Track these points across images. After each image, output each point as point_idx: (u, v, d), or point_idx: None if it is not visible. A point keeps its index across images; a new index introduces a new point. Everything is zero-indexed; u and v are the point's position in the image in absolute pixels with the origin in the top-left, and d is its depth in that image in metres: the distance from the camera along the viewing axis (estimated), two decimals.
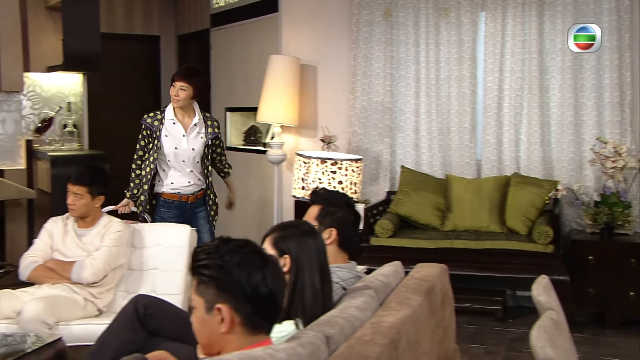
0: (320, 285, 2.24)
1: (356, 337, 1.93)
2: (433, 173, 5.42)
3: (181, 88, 4.03)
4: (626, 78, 4.92)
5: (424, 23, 5.38)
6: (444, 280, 2.83)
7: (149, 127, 4.11)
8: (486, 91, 5.30)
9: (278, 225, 2.31)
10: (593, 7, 4.96)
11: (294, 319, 2.18)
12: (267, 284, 1.74)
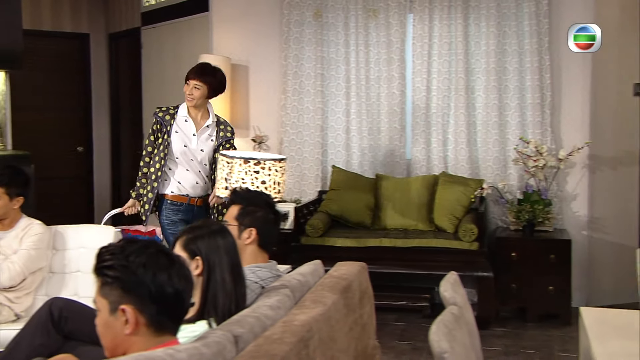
0: (233, 284, 2.25)
1: (265, 336, 1.94)
2: (364, 172, 5.49)
3: (195, 86, 3.89)
4: (546, 80, 5.10)
5: (354, 24, 5.44)
6: (362, 278, 2.87)
7: (159, 120, 3.95)
8: (415, 92, 5.39)
9: (187, 228, 2.31)
10: (515, 12, 5.13)
11: (207, 319, 2.19)
12: (173, 284, 1.73)
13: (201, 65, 4.08)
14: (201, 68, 4.01)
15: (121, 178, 7.35)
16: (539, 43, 5.08)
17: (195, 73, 3.93)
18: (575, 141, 5.03)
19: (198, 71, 3.95)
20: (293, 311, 2.24)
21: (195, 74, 3.92)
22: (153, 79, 6.55)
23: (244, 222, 2.75)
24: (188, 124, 3.95)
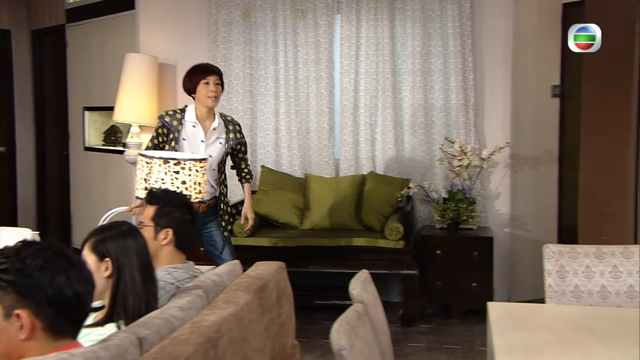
0: (143, 284, 2.22)
1: (172, 337, 1.92)
2: (293, 172, 5.50)
3: (216, 82, 3.71)
4: (470, 81, 5.23)
5: (282, 24, 5.44)
6: (280, 278, 2.88)
7: (167, 125, 3.74)
8: (343, 92, 5.44)
9: (96, 229, 2.27)
10: (439, 14, 5.23)
11: (117, 321, 2.16)
12: (72, 286, 1.70)
13: (205, 63, 3.90)
14: (211, 65, 3.86)
15: (46, 179, 7.15)
16: (462, 45, 5.20)
17: (213, 69, 3.76)
18: (497, 141, 5.17)
19: (213, 67, 3.80)
20: (204, 312, 2.23)
21: (214, 69, 3.75)
22: (79, 77, 6.40)
23: (160, 223, 2.72)
24: (196, 130, 3.75)
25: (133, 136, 5.41)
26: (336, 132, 5.52)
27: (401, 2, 5.29)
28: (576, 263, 2.79)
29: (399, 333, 4.61)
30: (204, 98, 3.70)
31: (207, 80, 3.68)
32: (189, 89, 3.78)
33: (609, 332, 2.17)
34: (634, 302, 2.69)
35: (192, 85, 3.74)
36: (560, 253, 2.82)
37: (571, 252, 2.82)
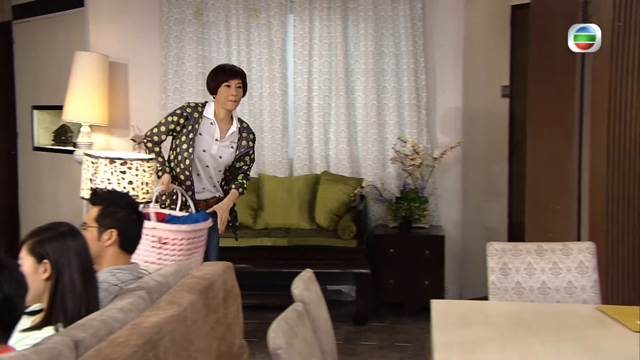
0: (83, 286, 2.19)
1: (110, 340, 1.90)
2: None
3: (238, 86, 3.63)
4: (421, 81, 5.28)
5: (235, 23, 5.42)
6: (227, 278, 2.87)
7: (188, 116, 3.65)
8: (296, 92, 5.45)
9: (34, 230, 2.22)
10: (391, 14, 5.28)
11: (55, 324, 2.12)
12: (3, 289, 1.67)
13: (230, 65, 3.83)
14: (235, 66, 3.77)
15: None
16: (414, 45, 5.25)
17: (236, 71, 3.67)
18: (449, 140, 5.25)
19: (237, 69, 3.70)
20: (146, 313, 2.21)
21: (237, 72, 3.66)
22: (27, 75, 6.26)
23: (104, 224, 2.68)
24: (213, 127, 3.68)
25: (83, 136, 5.33)
26: (290, 132, 5.52)
27: (354, 2, 5.32)
28: (518, 260, 2.85)
29: (352, 332, 4.64)
30: (224, 100, 3.63)
31: (229, 83, 3.61)
32: (211, 89, 3.71)
33: (545, 327, 2.22)
34: (572, 297, 2.76)
35: (214, 86, 3.67)
36: (503, 250, 2.87)
37: (513, 249, 2.88)
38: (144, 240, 3.08)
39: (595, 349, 1.99)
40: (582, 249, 2.84)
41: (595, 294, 2.76)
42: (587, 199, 3.79)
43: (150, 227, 3.24)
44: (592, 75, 3.73)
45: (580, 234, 3.87)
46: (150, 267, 3.16)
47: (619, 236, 3.86)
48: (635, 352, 1.96)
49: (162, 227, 3.30)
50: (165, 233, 3.29)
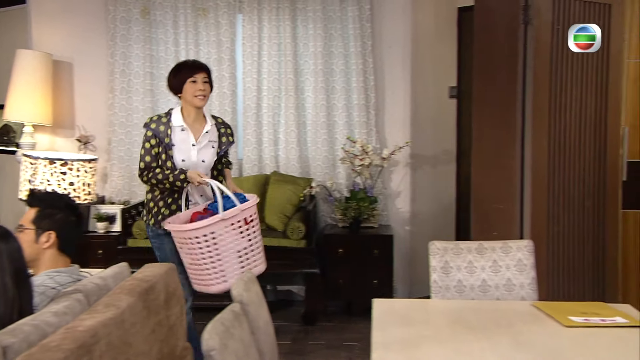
0: (15, 290, 2.14)
1: (41, 344, 1.86)
2: None
3: (204, 80, 3.36)
4: (370, 82, 5.32)
5: (183, 22, 5.37)
6: (170, 280, 2.84)
7: (155, 133, 3.35)
8: (245, 92, 5.42)
9: None
10: (340, 15, 5.31)
11: None
12: None
13: (192, 59, 3.57)
14: (197, 60, 3.52)
15: None
16: (362, 46, 5.29)
17: (201, 65, 3.40)
18: (397, 140, 5.29)
19: (200, 63, 3.44)
20: (81, 316, 2.16)
21: (202, 66, 3.40)
22: None
23: (42, 226, 2.63)
24: (185, 133, 3.38)
25: (26, 136, 5.20)
26: (239, 132, 5.49)
27: (303, 3, 5.33)
28: (460, 259, 2.89)
29: (301, 332, 4.65)
30: (191, 98, 3.36)
31: (195, 78, 3.34)
32: (175, 89, 3.42)
33: (482, 324, 2.26)
34: (511, 294, 2.81)
35: (177, 84, 3.38)
36: (445, 249, 2.91)
37: (455, 248, 2.92)
38: (229, 232, 3.10)
39: (528, 344, 2.04)
40: (520, 247, 2.90)
41: (532, 291, 2.82)
42: (530, 198, 3.87)
43: (231, 214, 3.09)
44: (533, 78, 3.81)
45: (523, 232, 3.95)
46: (244, 254, 3.19)
47: (559, 235, 3.96)
48: (565, 345, 2.02)
49: (241, 207, 3.14)
50: (246, 212, 3.17)
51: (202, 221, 3.12)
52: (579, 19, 3.90)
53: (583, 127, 4.01)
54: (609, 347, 2.01)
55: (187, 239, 3.15)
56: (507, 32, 3.88)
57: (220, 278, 3.17)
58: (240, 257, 3.17)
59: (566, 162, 3.95)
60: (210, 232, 3.09)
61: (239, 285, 2.18)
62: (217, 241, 3.10)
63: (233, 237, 3.13)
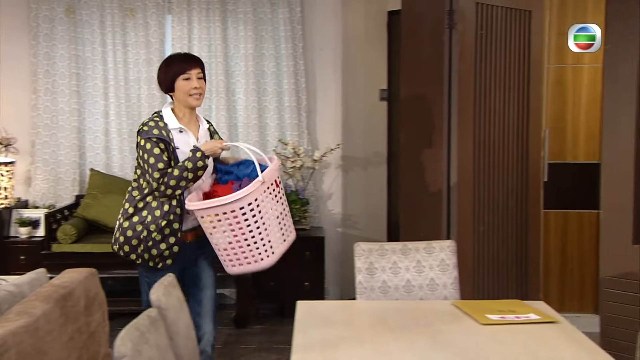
0: None
1: None
2: (124, 175, 5.33)
3: (199, 77, 2.96)
4: (301, 84, 5.33)
5: (110, 23, 5.25)
6: (90, 285, 2.77)
7: (161, 138, 2.88)
8: None
9: None
10: (271, 17, 5.29)
11: None
12: None
13: (184, 52, 3.17)
14: (190, 54, 3.12)
15: None
16: (293, 48, 5.29)
17: (194, 59, 3.01)
18: (329, 143, 5.32)
19: (193, 56, 3.05)
20: None
21: (195, 60, 3.00)
22: None
23: None
24: (185, 135, 2.98)
25: None
26: None
27: (233, 4, 5.29)
28: (384, 260, 2.93)
29: (232, 335, 4.61)
30: (185, 97, 2.95)
31: (188, 75, 2.93)
32: (166, 86, 2.99)
33: (402, 324, 2.28)
34: (434, 294, 2.86)
35: (169, 81, 2.96)
36: (370, 250, 2.94)
37: (380, 249, 2.95)
38: (267, 197, 2.78)
39: (446, 342, 2.07)
40: (443, 247, 2.95)
41: (455, 290, 2.88)
42: (456, 199, 3.95)
43: (271, 177, 2.83)
44: (458, 81, 3.89)
45: (450, 233, 4.02)
46: (282, 220, 2.91)
47: (484, 234, 4.06)
48: (481, 342, 2.06)
49: (274, 166, 2.89)
50: (275, 173, 2.91)
51: (248, 187, 2.71)
52: (501, 25, 4.01)
53: (506, 130, 4.11)
54: (522, 343, 2.06)
55: (227, 213, 2.69)
56: (432, 36, 3.95)
57: (269, 250, 2.84)
58: (280, 223, 2.89)
59: (490, 163, 4.04)
60: (254, 199, 2.71)
61: (158, 289, 2.15)
62: (260, 208, 2.73)
63: (271, 202, 2.82)
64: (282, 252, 2.94)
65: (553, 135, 4.62)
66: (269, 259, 2.87)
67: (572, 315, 4.62)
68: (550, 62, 4.58)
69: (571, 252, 4.73)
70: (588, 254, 4.68)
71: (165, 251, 2.98)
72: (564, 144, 4.65)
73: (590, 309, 4.62)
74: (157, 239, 2.95)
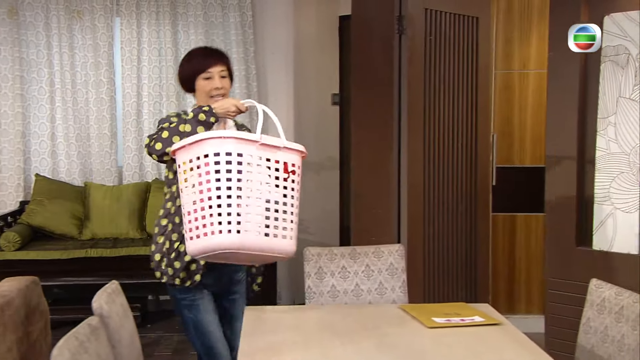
0: None
1: None
2: (72, 181, 5.22)
3: (222, 75, 2.61)
4: (253, 88, 5.32)
5: (56, 25, 5.14)
6: (31, 294, 2.70)
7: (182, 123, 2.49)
8: (125, 97, 5.27)
9: None
10: (222, 21, 5.26)
11: None
12: None
13: (210, 47, 2.77)
14: (215, 49, 2.71)
15: None
16: (245, 52, 5.27)
17: (217, 54, 2.64)
18: None
19: (215, 51, 2.68)
20: None
21: (218, 55, 2.63)
22: None
23: None
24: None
25: None
26: (119, 139, 5.33)
27: (183, 7, 5.24)
28: (333, 264, 2.92)
29: (182, 342, 4.55)
30: (206, 98, 2.59)
31: (209, 73, 2.58)
32: (187, 86, 2.65)
33: (350, 328, 2.28)
34: (383, 298, 2.87)
35: (187, 80, 2.62)
36: (319, 255, 2.94)
37: (329, 253, 2.95)
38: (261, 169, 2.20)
39: (392, 346, 2.08)
40: (392, 251, 2.96)
41: (403, 294, 2.89)
42: (406, 203, 3.97)
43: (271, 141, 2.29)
44: (408, 86, 3.91)
45: (400, 236, 4.05)
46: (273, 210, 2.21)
47: (434, 238, 4.09)
48: (426, 346, 2.07)
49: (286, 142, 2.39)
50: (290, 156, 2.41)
51: (233, 132, 2.23)
52: (450, 30, 4.06)
53: (456, 134, 4.16)
54: (467, 345, 2.08)
55: (200, 159, 2.13)
56: (382, 41, 3.97)
57: (235, 225, 2.11)
58: (268, 210, 2.19)
59: (440, 167, 4.08)
60: (238, 153, 2.12)
61: (101, 297, 2.10)
62: (242, 170, 2.13)
63: (264, 177, 2.21)
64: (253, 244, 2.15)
65: (501, 140, 4.70)
66: (229, 236, 2.10)
67: (520, 317, 4.71)
68: (498, 67, 4.66)
69: (519, 255, 4.81)
70: (535, 257, 4.77)
71: (191, 264, 2.56)
72: (512, 149, 4.73)
73: (537, 310, 4.70)
74: (181, 251, 2.54)
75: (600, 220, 3.51)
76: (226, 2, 5.24)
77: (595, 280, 2.35)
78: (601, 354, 2.21)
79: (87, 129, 5.27)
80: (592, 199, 3.54)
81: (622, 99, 3.46)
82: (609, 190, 3.48)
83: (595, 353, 2.25)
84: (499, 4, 4.63)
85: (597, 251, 3.51)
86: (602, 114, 3.51)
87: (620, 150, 3.45)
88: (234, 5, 5.23)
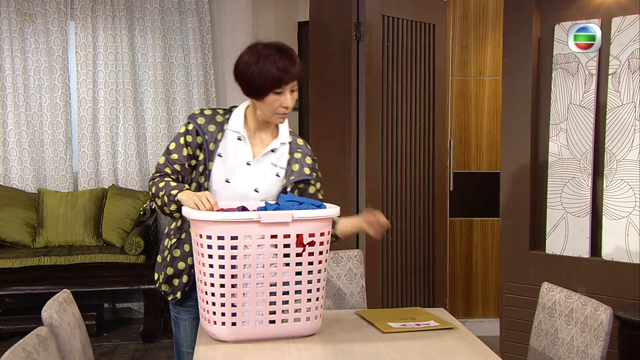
0: None
1: None
2: (25, 187, 5.12)
3: (293, 89, 2.25)
4: (212, 94, 5.29)
5: (7, 28, 5.05)
6: None
7: (199, 130, 2.30)
8: (80, 102, 5.19)
9: None
10: (179, 26, 5.22)
11: None
12: None
13: (284, 49, 2.25)
14: (290, 55, 2.24)
15: None
16: (203, 58, 5.24)
17: (294, 66, 2.21)
18: None
19: (294, 63, 2.22)
20: None
21: (295, 72, 2.22)
22: None
23: None
24: (241, 145, 2.32)
25: None
26: (74, 144, 5.24)
27: (140, 12, 5.19)
28: None
29: (139, 350, 4.49)
30: (270, 114, 2.27)
31: (282, 89, 2.21)
32: (255, 92, 2.24)
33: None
34: (342, 303, 2.87)
35: (258, 89, 2.22)
36: None
37: None
38: (264, 248, 2.02)
39: (347, 351, 2.08)
40: (350, 256, 2.97)
41: (362, 299, 2.90)
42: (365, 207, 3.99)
43: (273, 219, 2.02)
44: (366, 92, 3.94)
45: (359, 241, 4.06)
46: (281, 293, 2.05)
47: (393, 243, 4.12)
48: (381, 351, 2.08)
49: (296, 212, 2.06)
50: (305, 225, 2.07)
51: (222, 214, 2.03)
52: (407, 37, 4.10)
53: (413, 140, 4.21)
54: (421, 350, 2.10)
55: (196, 237, 2.05)
56: (340, 47, 4.00)
57: (228, 317, 2.06)
58: (273, 295, 2.08)
59: (398, 172, 4.12)
60: (232, 237, 1.99)
61: (51, 306, 2.06)
62: (237, 254, 2.01)
63: (267, 259, 2.05)
64: (252, 335, 2.10)
65: (458, 146, 4.77)
66: (223, 329, 2.07)
67: (477, 320, 4.77)
68: (454, 74, 4.73)
69: (476, 259, 4.88)
70: (491, 261, 4.84)
71: (174, 278, 2.39)
72: (468, 154, 4.80)
73: (494, 314, 4.78)
74: (175, 255, 2.38)
75: (552, 224, 3.58)
76: (184, 7, 5.21)
77: (547, 284, 2.39)
78: (552, 356, 2.25)
79: (41, 135, 5.17)
80: (545, 203, 3.62)
81: (572, 105, 3.54)
82: (561, 195, 3.55)
83: (546, 355, 2.29)
84: (455, 11, 4.70)
85: (549, 255, 3.58)
86: (554, 120, 3.59)
87: (571, 156, 3.52)
88: (191, 10, 5.20)
